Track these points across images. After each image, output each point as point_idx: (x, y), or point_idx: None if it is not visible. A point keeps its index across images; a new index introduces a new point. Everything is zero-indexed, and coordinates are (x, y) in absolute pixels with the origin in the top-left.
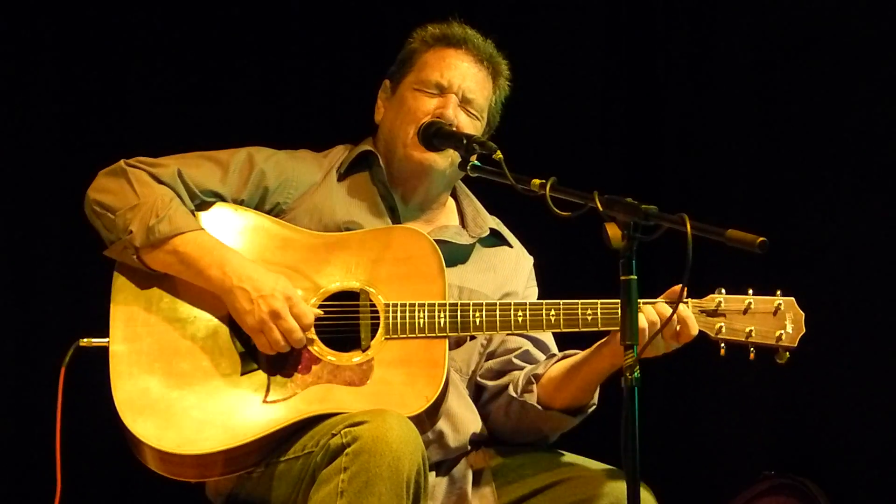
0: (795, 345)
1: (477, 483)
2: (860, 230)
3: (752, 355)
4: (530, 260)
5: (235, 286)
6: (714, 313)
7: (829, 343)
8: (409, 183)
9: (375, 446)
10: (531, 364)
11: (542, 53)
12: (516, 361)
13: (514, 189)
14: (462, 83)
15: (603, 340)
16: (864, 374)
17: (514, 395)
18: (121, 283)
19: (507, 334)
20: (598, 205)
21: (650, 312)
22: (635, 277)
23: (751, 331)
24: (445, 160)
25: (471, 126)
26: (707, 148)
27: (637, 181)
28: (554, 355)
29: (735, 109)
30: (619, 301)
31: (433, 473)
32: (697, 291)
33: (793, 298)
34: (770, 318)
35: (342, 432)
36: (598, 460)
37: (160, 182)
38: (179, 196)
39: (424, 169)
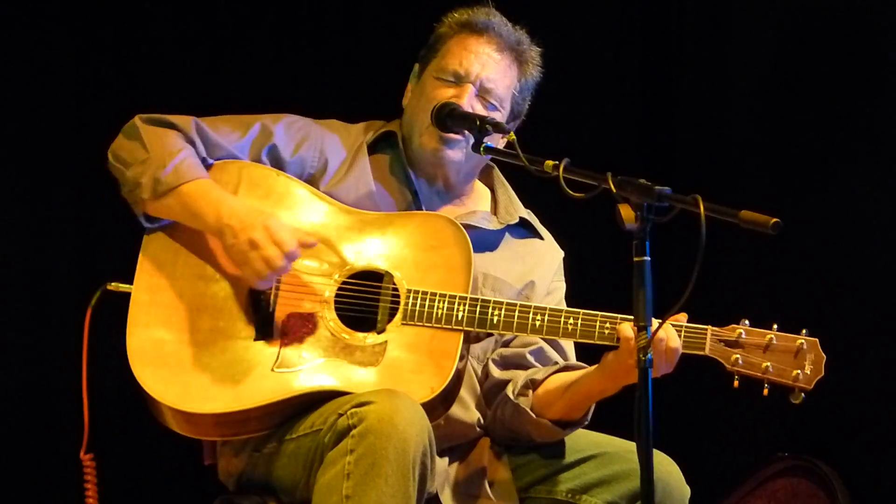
0: (811, 387)
1: (494, 464)
2: (880, 213)
3: (765, 391)
4: (561, 254)
5: (224, 224)
6: (734, 344)
7: (844, 325)
8: (427, 171)
9: (382, 428)
10: (542, 363)
11: (553, 31)
12: (528, 357)
13: (528, 170)
14: (481, 72)
15: (599, 364)
16: (878, 356)
17: (510, 396)
18: (153, 234)
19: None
20: (612, 186)
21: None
22: (648, 259)
23: (768, 367)
24: (458, 153)
25: (487, 114)
26: (721, 129)
27: (650, 163)
28: (556, 363)
29: (750, 91)
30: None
31: (447, 459)
32: (722, 319)
33: (816, 340)
34: (790, 358)
35: (349, 413)
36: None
37: (177, 130)
38: (194, 145)
39: (438, 160)
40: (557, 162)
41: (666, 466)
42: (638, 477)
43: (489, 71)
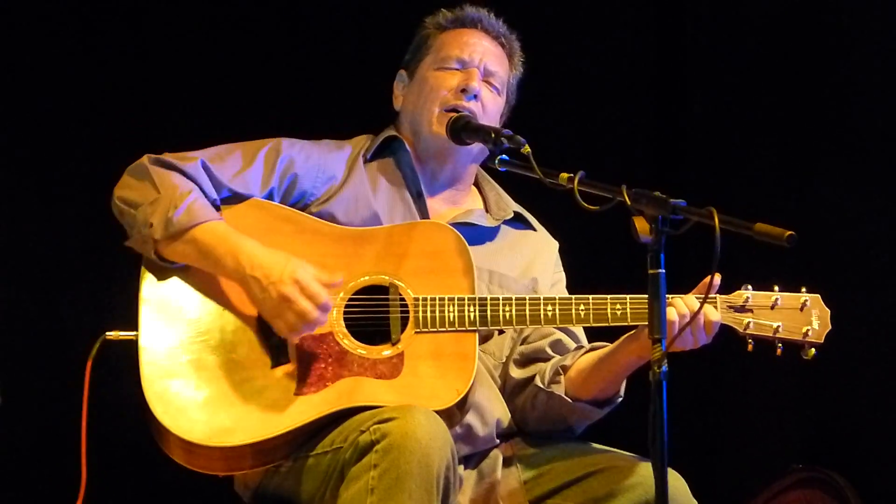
0: (822, 340)
1: (506, 476)
2: (887, 224)
3: (778, 351)
4: (556, 245)
5: (248, 275)
6: (742, 309)
7: (857, 336)
8: (437, 160)
9: (405, 443)
10: (562, 354)
11: (568, 44)
12: (548, 350)
13: (543, 183)
14: (483, 57)
15: (631, 333)
16: (893, 367)
17: (541, 385)
18: (149, 277)
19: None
20: (626, 199)
21: (680, 305)
22: (663, 271)
23: (778, 326)
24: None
25: (493, 101)
26: (734, 144)
27: (665, 175)
28: (582, 347)
29: (762, 104)
30: (646, 296)
31: (461, 466)
32: (724, 287)
33: (818, 295)
34: (797, 315)
35: (371, 429)
36: (626, 450)
37: (184, 174)
38: (202, 187)
39: (449, 145)
40: (572, 175)
41: (672, 481)
42: (644, 490)
43: (489, 57)
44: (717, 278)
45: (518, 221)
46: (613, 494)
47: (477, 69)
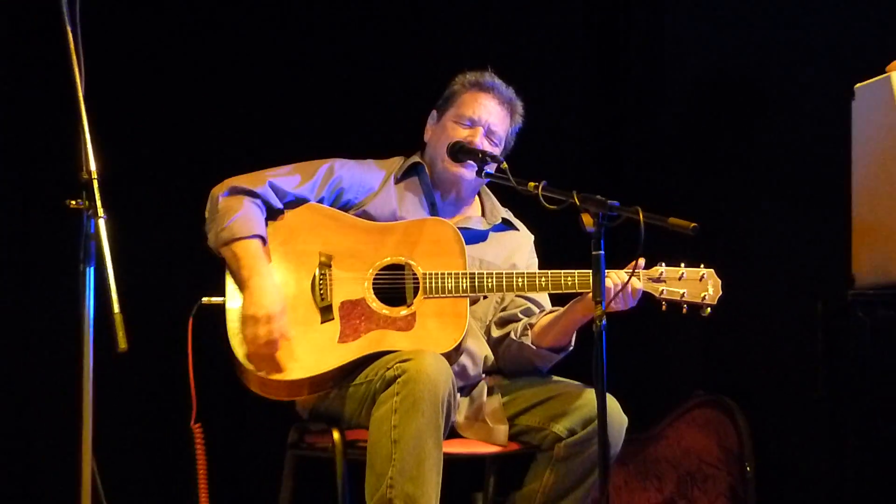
0: (715, 303)
1: (490, 400)
2: (761, 218)
3: (684, 310)
4: (531, 238)
5: (246, 301)
6: (658, 280)
7: (740, 298)
8: (445, 187)
9: (419, 377)
10: (529, 316)
11: (529, 82)
12: (519, 315)
13: (516, 189)
14: (488, 119)
15: (579, 298)
16: (769, 319)
17: (514, 338)
18: None
19: (515, 295)
20: (577, 200)
21: (614, 277)
22: (603, 252)
23: (684, 293)
24: (471, 174)
25: (491, 150)
26: (658, 159)
27: (604, 183)
28: (544, 309)
29: (677, 135)
30: (590, 271)
31: (458, 394)
32: (646, 264)
33: (713, 269)
34: (697, 284)
35: (394, 367)
36: (577, 380)
37: (253, 195)
38: (269, 201)
39: (456, 179)
40: (537, 183)
41: (609, 402)
42: (589, 409)
43: (494, 118)
44: (642, 261)
45: (505, 224)
46: (566, 412)
47: (482, 127)
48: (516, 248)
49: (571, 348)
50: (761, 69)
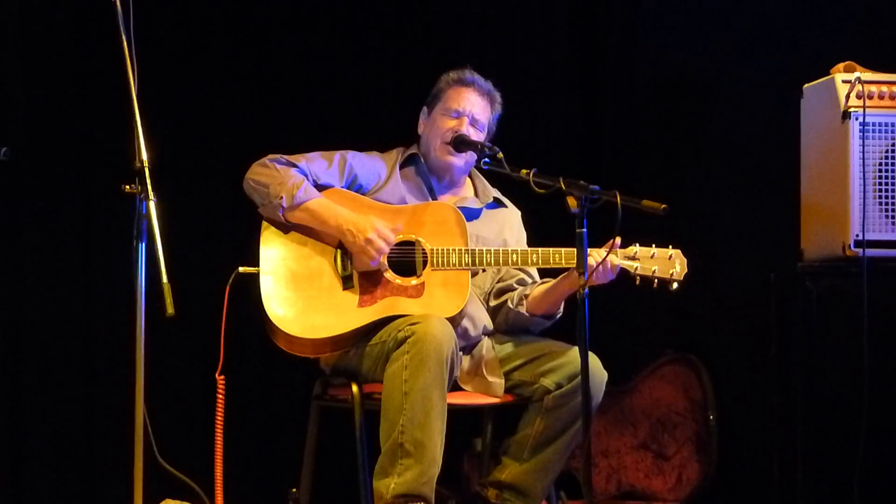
0: (682, 279)
1: (488, 357)
2: (724, 204)
3: (655, 284)
4: (518, 213)
5: (345, 229)
6: (632, 258)
7: (707, 269)
8: (440, 173)
9: (426, 338)
10: (523, 286)
11: (518, 78)
12: (514, 285)
13: (511, 176)
14: (472, 109)
15: (564, 275)
16: (729, 288)
17: (511, 306)
18: (267, 231)
19: (513, 268)
20: (562, 185)
21: (595, 255)
22: (586, 230)
23: (654, 269)
24: (460, 160)
25: (476, 136)
26: (634, 147)
27: (587, 167)
28: (535, 280)
29: (647, 126)
30: (575, 248)
31: (461, 353)
32: (622, 244)
33: (679, 250)
34: (667, 262)
35: (405, 329)
36: (563, 341)
37: (296, 167)
38: (308, 177)
39: (448, 165)
40: (529, 171)
41: (591, 360)
42: (573, 365)
43: (476, 109)
44: (618, 240)
45: (496, 203)
46: (554, 368)
47: (467, 117)
48: (506, 223)
49: (560, 314)
50: (723, 68)
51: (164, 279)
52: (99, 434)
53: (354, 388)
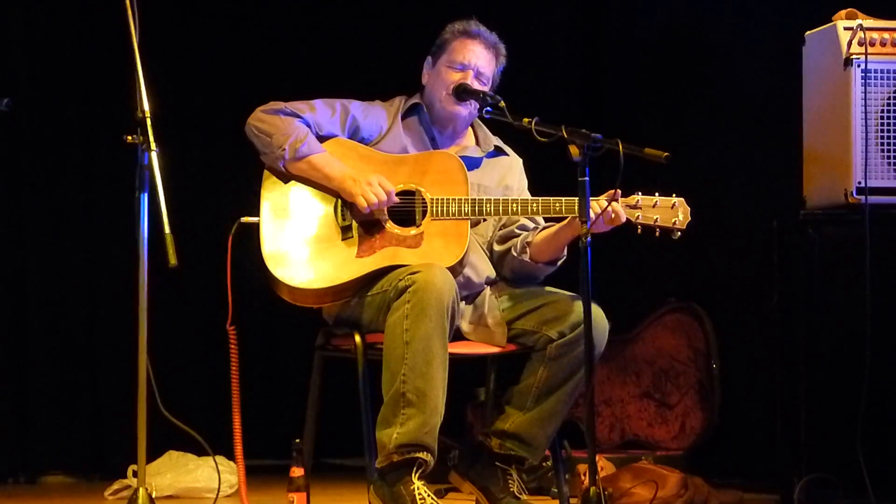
0: (685, 227)
1: (490, 307)
2: (721, 153)
3: (657, 234)
4: (520, 161)
5: (347, 177)
6: (634, 207)
7: (708, 222)
8: (443, 123)
9: (427, 286)
10: (526, 231)
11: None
12: (516, 231)
13: (513, 125)
14: (476, 62)
15: (567, 220)
16: (731, 236)
17: (514, 254)
18: (269, 181)
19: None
20: (565, 134)
21: (598, 202)
22: (588, 179)
23: (657, 218)
24: (465, 110)
25: (482, 88)
26: (637, 97)
27: (590, 118)
28: (538, 226)
29: (651, 76)
30: (576, 198)
31: (463, 303)
32: (624, 192)
33: (683, 199)
34: (669, 210)
35: (405, 278)
36: (566, 290)
37: (300, 118)
38: (309, 126)
39: (452, 115)
40: (531, 119)
41: (594, 309)
42: (576, 314)
43: (481, 62)
44: (619, 192)
45: (497, 151)
46: (557, 317)
47: (472, 70)
48: (508, 171)
49: (564, 258)
50: (725, 18)
51: (167, 230)
52: (102, 386)
53: (357, 338)
